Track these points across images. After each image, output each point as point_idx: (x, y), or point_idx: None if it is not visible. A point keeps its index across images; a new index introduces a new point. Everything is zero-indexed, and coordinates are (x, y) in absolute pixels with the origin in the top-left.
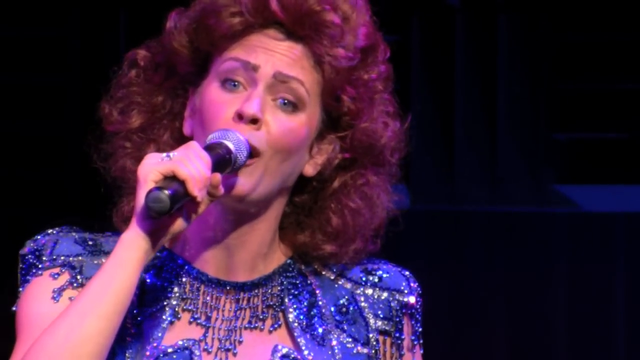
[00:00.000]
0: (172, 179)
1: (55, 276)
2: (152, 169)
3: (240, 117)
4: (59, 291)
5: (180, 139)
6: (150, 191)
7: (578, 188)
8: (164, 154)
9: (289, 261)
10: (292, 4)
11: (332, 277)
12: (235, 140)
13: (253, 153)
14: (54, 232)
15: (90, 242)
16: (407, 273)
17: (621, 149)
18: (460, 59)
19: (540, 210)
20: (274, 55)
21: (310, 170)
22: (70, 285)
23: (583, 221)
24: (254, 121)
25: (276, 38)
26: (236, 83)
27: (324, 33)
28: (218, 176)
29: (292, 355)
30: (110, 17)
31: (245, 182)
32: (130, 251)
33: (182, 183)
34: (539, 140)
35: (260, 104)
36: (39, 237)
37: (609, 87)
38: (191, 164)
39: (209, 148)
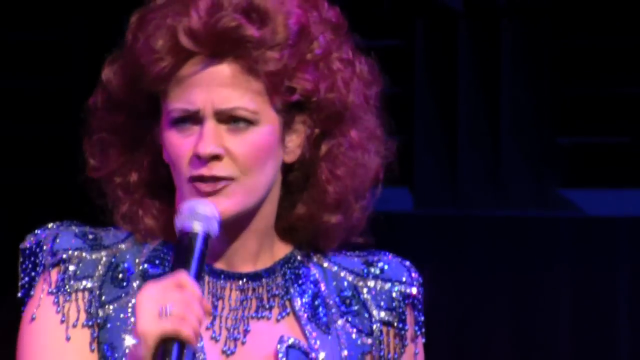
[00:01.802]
0: (172, 338)
1: (56, 300)
2: (152, 330)
3: (199, 157)
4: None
5: (160, 162)
6: None
7: (582, 192)
8: (162, 308)
9: (290, 254)
10: (202, 31)
11: (334, 269)
12: (203, 217)
13: (226, 180)
14: (54, 226)
15: (90, 236)
16: (407, 263)
17: (625, 153)
18: (463, 64)
19: (543, 215)
20: (209, 87)
21: (289, 158)
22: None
23: (587, 225)
24: (215, 157)
25: (204, 66)
26: (185, 120)
27: (246, 47)
28: (209, 306)
29: (299, 345)
30: (114, 21)
31: (227, 204)
32: None
33: (183, 340)
34: (542, 144)
35: (214, 139)
36: (39, 231)
37: (612, 91)
38: (191, 318)
39: (186, 252)
